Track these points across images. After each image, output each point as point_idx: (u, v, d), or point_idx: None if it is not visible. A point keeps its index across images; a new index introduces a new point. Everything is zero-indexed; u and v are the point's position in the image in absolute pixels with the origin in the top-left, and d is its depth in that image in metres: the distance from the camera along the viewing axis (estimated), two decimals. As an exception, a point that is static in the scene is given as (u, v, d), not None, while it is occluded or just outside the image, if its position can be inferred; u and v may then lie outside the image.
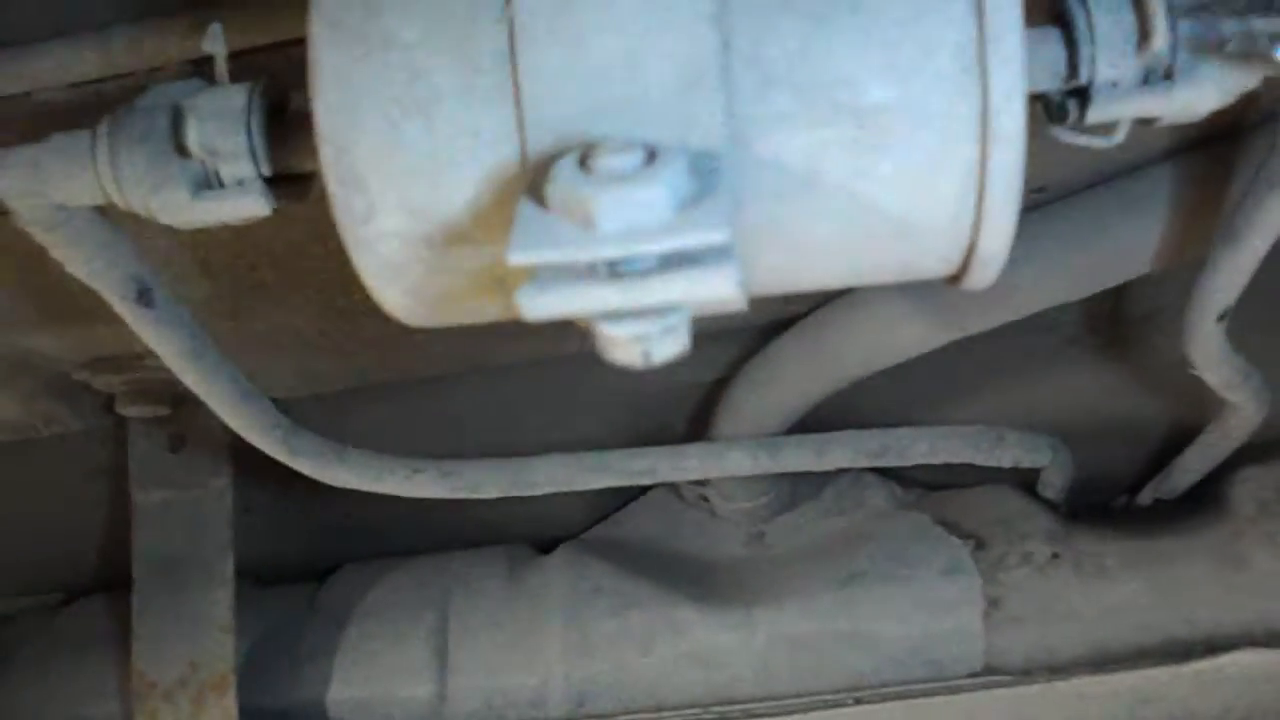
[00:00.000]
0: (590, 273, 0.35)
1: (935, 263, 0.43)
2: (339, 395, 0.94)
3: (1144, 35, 0.42)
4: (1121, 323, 0.86)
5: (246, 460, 0.90)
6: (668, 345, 0.37)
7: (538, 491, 0.83)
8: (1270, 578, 0.85)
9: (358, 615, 0.98)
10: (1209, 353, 0.68)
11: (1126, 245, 0.67)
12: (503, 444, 0.89)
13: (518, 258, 0.35)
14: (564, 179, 0.36)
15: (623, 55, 0.39)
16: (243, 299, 0.78)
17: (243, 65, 0.57)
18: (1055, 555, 0.89)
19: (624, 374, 0.41)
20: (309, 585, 1.04)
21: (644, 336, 0.37)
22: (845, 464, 0.86)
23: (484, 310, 0.44)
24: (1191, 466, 0.89)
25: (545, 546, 1.03)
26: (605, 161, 0.36)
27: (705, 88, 0.38)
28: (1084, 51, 0.42)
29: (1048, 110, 0.46)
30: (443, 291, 0.44)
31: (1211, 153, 0.65)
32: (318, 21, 0.41)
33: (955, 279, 0.45)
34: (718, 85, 0.38)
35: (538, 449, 0.87)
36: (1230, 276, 0.60)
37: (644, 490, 1.02)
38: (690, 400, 0.96)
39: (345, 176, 0.41)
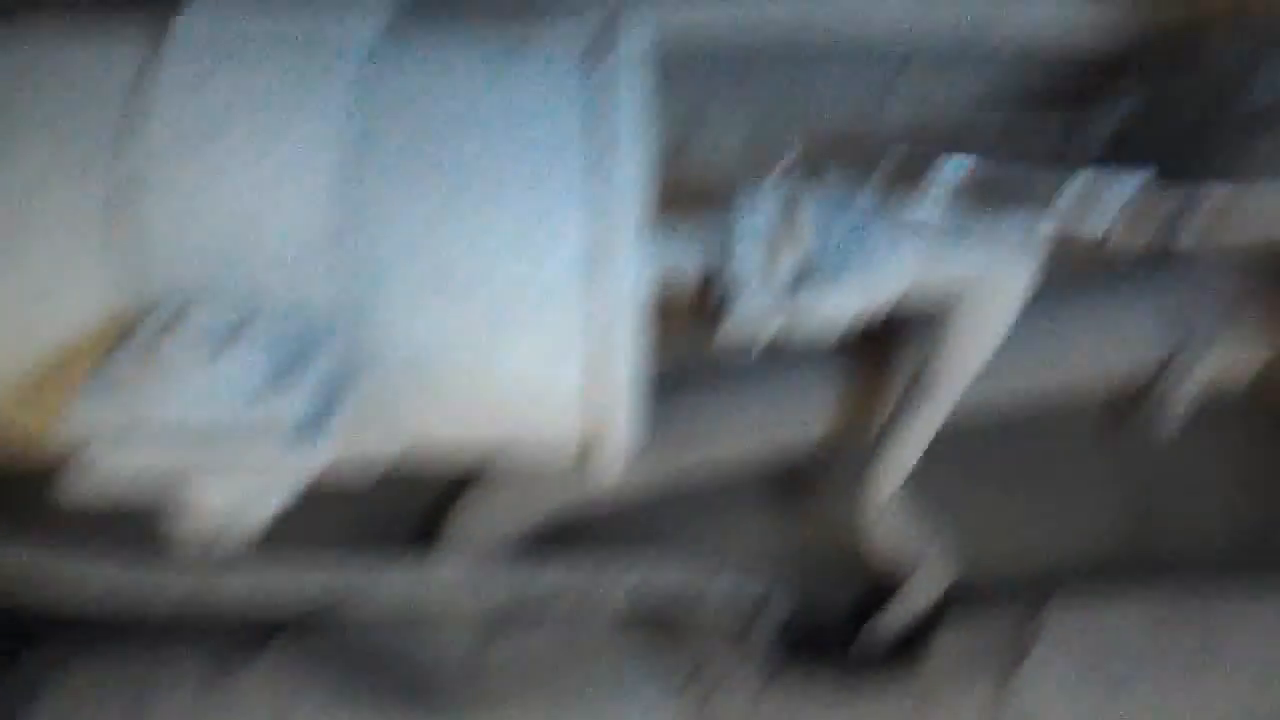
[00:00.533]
0: (170, 433, 0.34)
1: (562, 448, 0.44)
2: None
3: (789, 237, 0.43)
4: (816, 479, 0.89)
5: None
6: (253, 512, 0.36)
7: (226, 599, 0.80)
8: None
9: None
10: (882, 526, 0.71)
11: (812, 411, 0.70)
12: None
13: (83, 411, 0.34)
14: (149, 336, 0.35)
15: (244, 214, 0.38)
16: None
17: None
18: (760, 692, 0.91)
19: (348, 478, 0.39)
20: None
21: (228, 502, 0.36)
22: (558, 589, 0.85)
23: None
24: (889, 622, 0.93)
25: (266, 636, 0.98)
26: (194, 321, 0.35)
27: (328, 253, 0.38)
28: (733, 249, 0.44)
29: (699, 302, 0.47)
30: (36, 429, 0.42)
31: (868, 344, 0.69)
32: None
33: (584, 460, 0.45)
34: (342, 251, 0.38)
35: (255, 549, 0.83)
36: (894, 463, 0.63)
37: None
38: (418, 508, 0.95)
39: None
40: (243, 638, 1.00)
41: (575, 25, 0.45)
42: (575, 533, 0.91)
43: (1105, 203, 0.45)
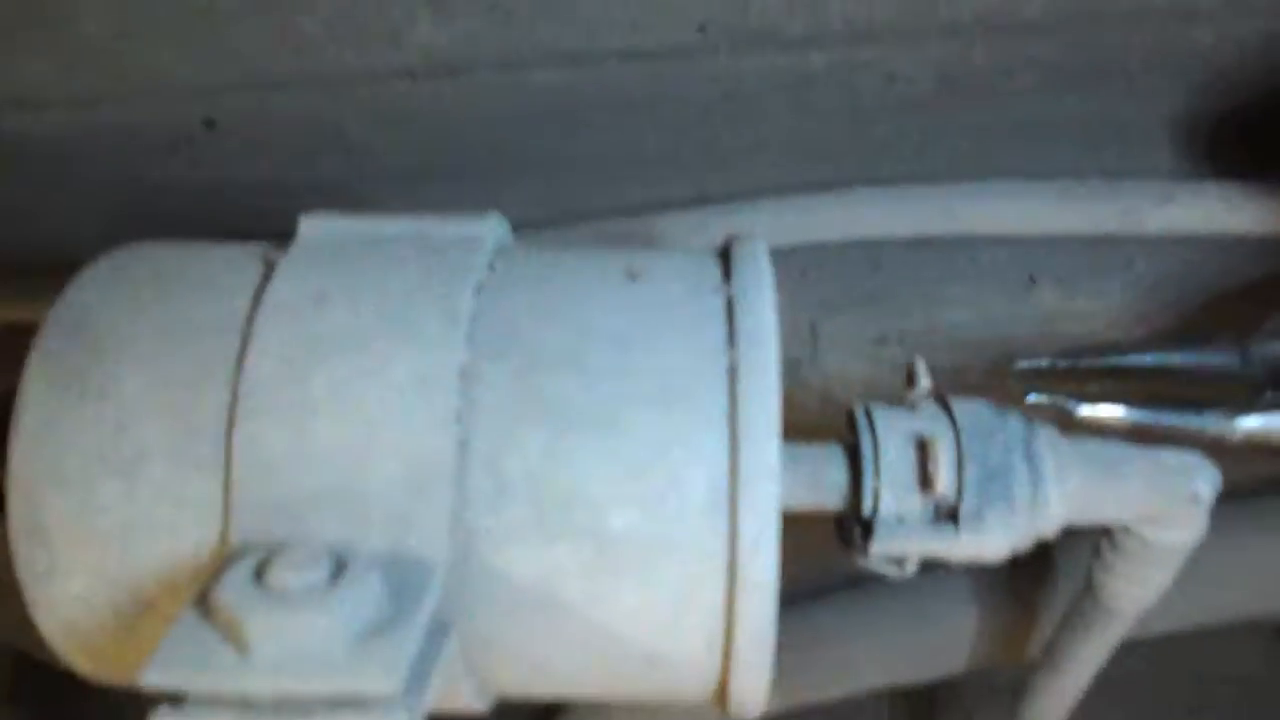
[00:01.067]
0: (245, 704, 0.30)
1: (690, 694, 0.39)
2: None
3: (925, 479, 0.39)
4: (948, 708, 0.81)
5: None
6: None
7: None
8: None
9: None
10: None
11: (958, 636, 0.64)
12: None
13: (152, 678, 0.30)
14: (229, 589, 0.31)
15: (349, 446, 0.35)
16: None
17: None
18: None
19: None
20: None
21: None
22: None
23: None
24: None
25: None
26: (280, 574, 0.31)
27: (433, 492, 0.35)
28: (867, 482, 0.40)
29: (839, 528, 0.43)
30: (133, 660, 0.39)
31: (1022, 569, 0.63)
32: (38, 355, 0.38)
33: (719, 707, 0.40)
34: (448, 490, 0.35)
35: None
36: (1053, 704, 0.56)
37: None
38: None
39: (30, 529, 0.37)
40: None
41: (689, 252, 0.43)
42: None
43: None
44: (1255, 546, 0.62)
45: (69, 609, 0.38)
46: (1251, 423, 0.40)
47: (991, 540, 0.40)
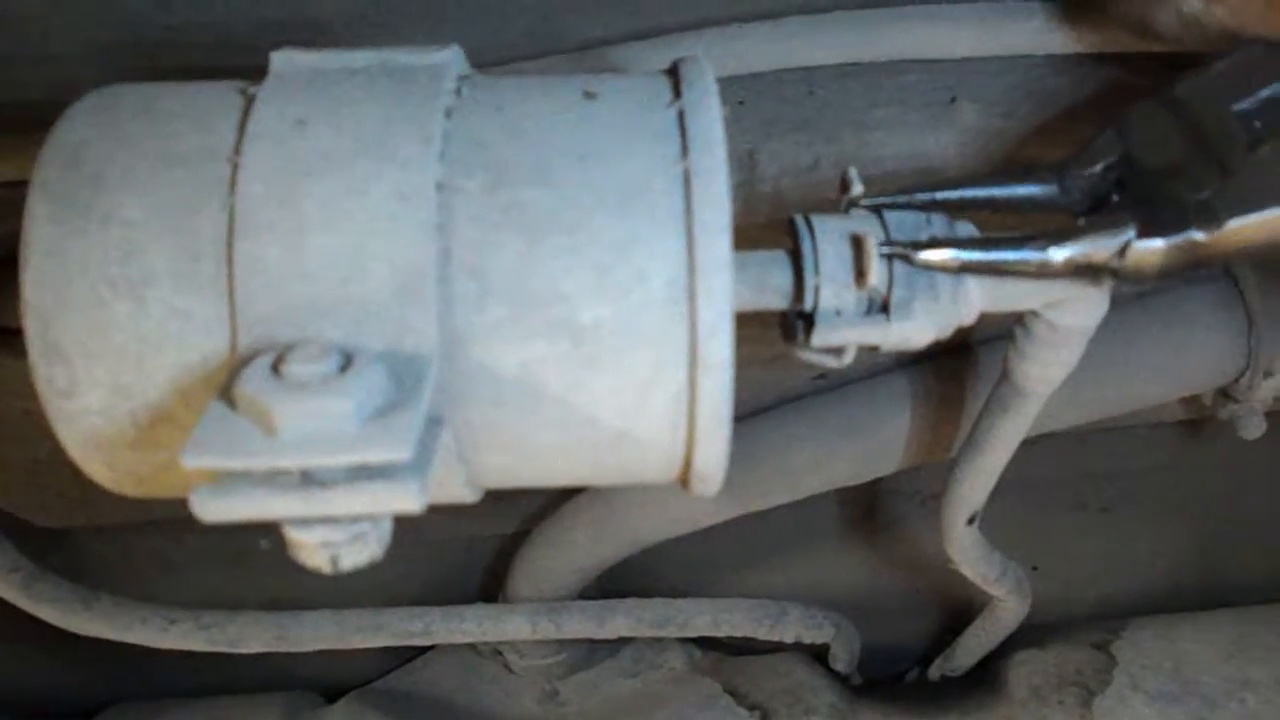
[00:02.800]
0: (273, 479, 0.35)
1: (657, 473, 0.44)
2: (121, 527, 0.90)
3: (859, 272, 0.44)
4: (890, 511, 0.89)
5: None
6: (358, 552, 0.36)
7: (304, 649, 0.80)
8: (1037, 764, 0.87)
9: (117, 763, 0.92)
10: (963, 552, 0.70)
11: (890, 439, 0.70)
12: (291, 584, 0.86)
13: (192, 460, 0.34)
14: (252, 382, 0.35)
15: (342, 256, 0.39)
16: (9, 426, 0.75)
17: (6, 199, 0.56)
18: (835, 730, 0.90)
19: (422, 521, 0.40)
20: (74, 724, 0.98)
21: (332, 543, 0.36)
22: (626, 633, 0.85)
23: (193, 487, 0.43)
24: (969, 649, 0.92)
25: (344, 689, 0.99)
26: (295, 367, 0.35)
27: (422, 294, 0.39)
28: (809, 280, 0.44)
29: (782, 327, 0.48)
30: (150, 470, 0.43)
31: (946, 365, 0.68)
32: (37, 188, 0.41)
33: (683, 485, 0.45)
34: (435, 293, 0.39)
35: (331, 592, 0.84)
36: (974, 485, 0.63)
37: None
38: (490, 551, 0.95)
39: (48, 350, 0.40)
40: (314, 693, 1.01)
41: (641, 74, 0.46)
42: (643, 579, 0.91)
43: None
44: (1155, 332, 0.68)
45: (89, 422, 0.41)
46: (1067, 251, 0.44)
47: (918, 328, 0.45)
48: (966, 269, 0.44)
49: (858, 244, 0.44)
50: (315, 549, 0.36)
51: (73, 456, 0.43)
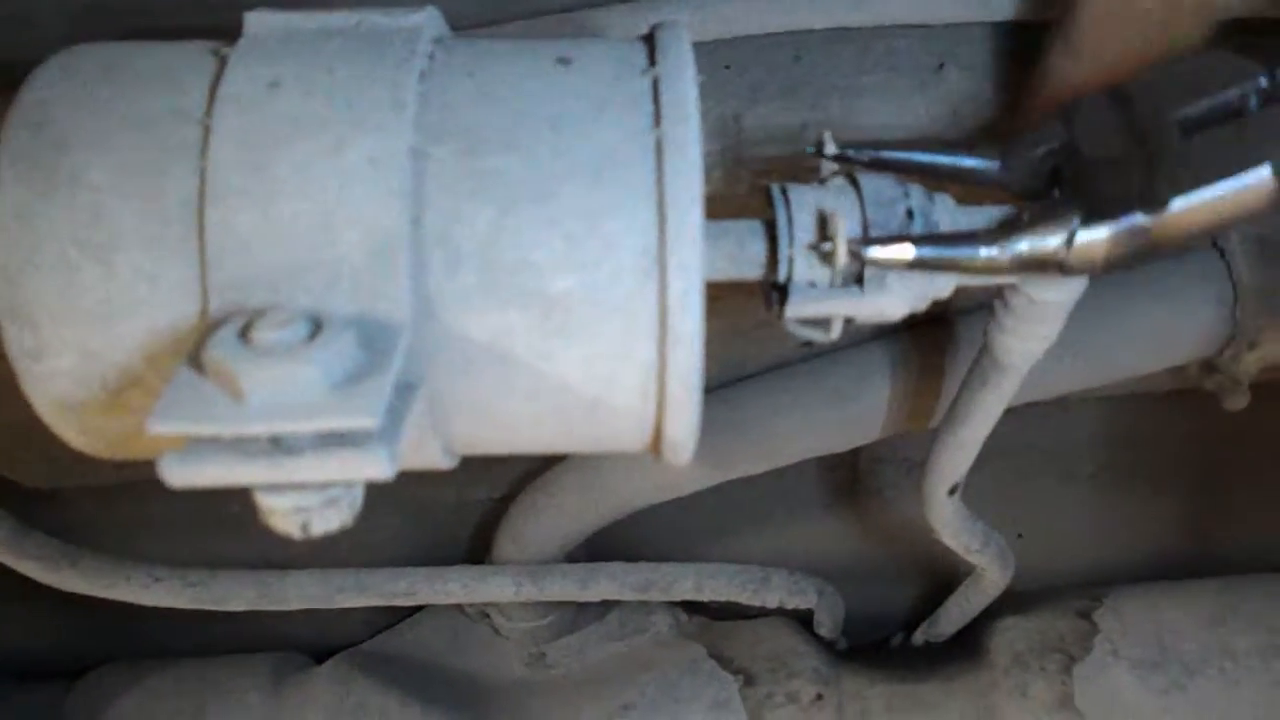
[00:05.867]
0: (241, 445, 0.35)
1: (629, 442, 0.44)
2: (108, 487, 0.90)
3: (825, 253, 0.43)
4: (874, 478, 0.89)
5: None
6: (329, 517, 0.37)
7: (288, 607, 0.81)
8: (1019, 730, 0.88)
9: (107, 721, 0.93)
10: (945, 522, 0.71)
11: (873, 407, 0.70)
12: (279, 544, 0.86)
13: (158, 426, 0.34)
14: (219, 347, 0.35)
15: (313, 221, 0.38)
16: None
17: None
18: (819, 696, 0.90)
19: (410, 483, 0.40)
20: (62, 684, 0.98)
21: (303, 508, 0.36)
22: (610, 596, 0.85)
23: (163, 450, 0.43)
24: (953, 615, 0.92)
25: (331, 651, 1.00)
26: (264, 333, 0.35)
27: (393, 260, 0.38)
28: (782, 251, 0.44)
29: (765, 299, 0.47)
30: (121, 433, 0.43)
31: (928, 334, 0.68)
32: (4, 152, 0.40)
33: (654, 453, 0.45)
34: (406, 260, 0.38)
35: (318, 553, 0.84)
36: (955, 456, 0.63)
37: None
38: (477, 515, 0.96)
39: (15, 311, 0.40)
40: (302, 655, 1.01)
41: (616, 40, 0.45)
42: (629, 544, 0.92)
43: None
44: (1140, 302, 0.68)
45: (58, 385, 0.41)
46: (1015, 246, 0.44)
47: (893, 301, 0.45)
48: (915, 266, 0.44)
49: (834, 209, 0.44)
50: (286, 514, 0.36)
51: (44, 419, 0.43)
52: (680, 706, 0.91)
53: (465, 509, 0.95)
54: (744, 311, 0.51)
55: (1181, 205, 0.44)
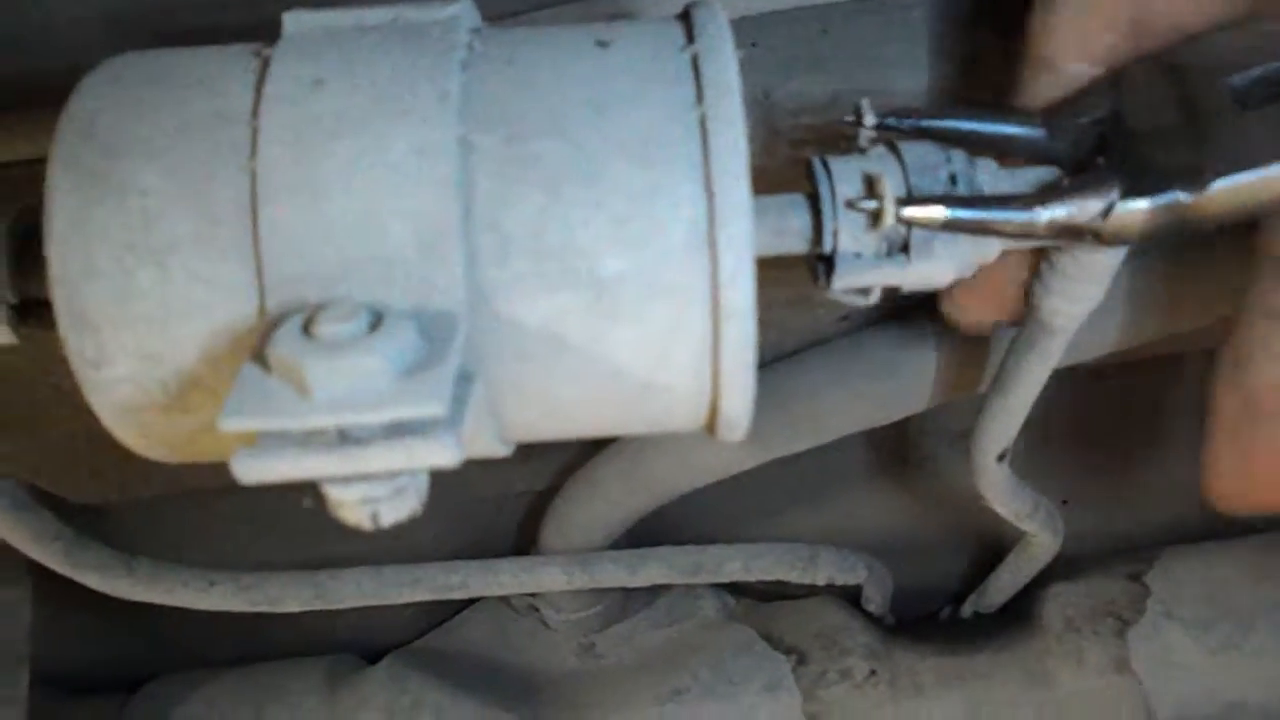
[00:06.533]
0: (310, 439, 0.35)
1: (684, 421, 0.44)
2: (159, 500, 0.91)
3: (874, 216, 0.43)
4: (918, 450, 0.89)
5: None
6: (398, 507, 0.37)
7: (343, 605, 0.81)
8: (1075, 696, 0.88)
9: (165, 732, 0.94)
10: (994, 489, 0.70)
11: (917, 377, 0.70)
12: (328, 551, 0.87)
13: (229, 424, 0.34)
14: (283, 343, 0.35)
15: (364, 216, 0.39)
16: (41, 403, 0.75)
17: (15, 179, 0.56)
18: (873, 672, 0.90)
19: (453, 480, 0.41)
20: (119, 697, 0.99)
21: (372, 499, 0.36)
22: (660, 580, 0.86)
23: (227, 452, 0.44)
24: (1002, 585, 0.92)
25: (381, 652, 1.00)
26: (326, 327, 0.35)
27: (445, 251, 0.39)
28: (827, 224, 0.44)
29: (809, 269, 0.47)
30: (183, 436, 0.43)
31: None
32: (56, 161, 0.41)
33: (709, 431, 0.46)
34: (457, 249, 0.39)
35: (364, 557, 0.85)
36: (1003, 422, 0.63)
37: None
38: (518, 510, 0.96)
39: (76, 321, 0.40)
40: (356, 655, 1.02)
41: (652, 20, 0.45)
42: (672, 531, 0.92)
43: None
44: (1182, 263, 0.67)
45: (120, 390, 0.42)
46: (1051, 212, 0.44)
47: (940, 268, 0.45)
48: (950, 227, 0.44)
49: (870, 184, 0.44)
50: (355, 505, 0.36)
51: (106, 425, 0.43)
52: (734, 688, 0.91)
53: (506, 504, 0.96)
54: (781, 284, 0.51)
55: (1223, 186, 0.43)
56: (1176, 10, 0.48)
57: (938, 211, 0.43)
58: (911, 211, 0.43)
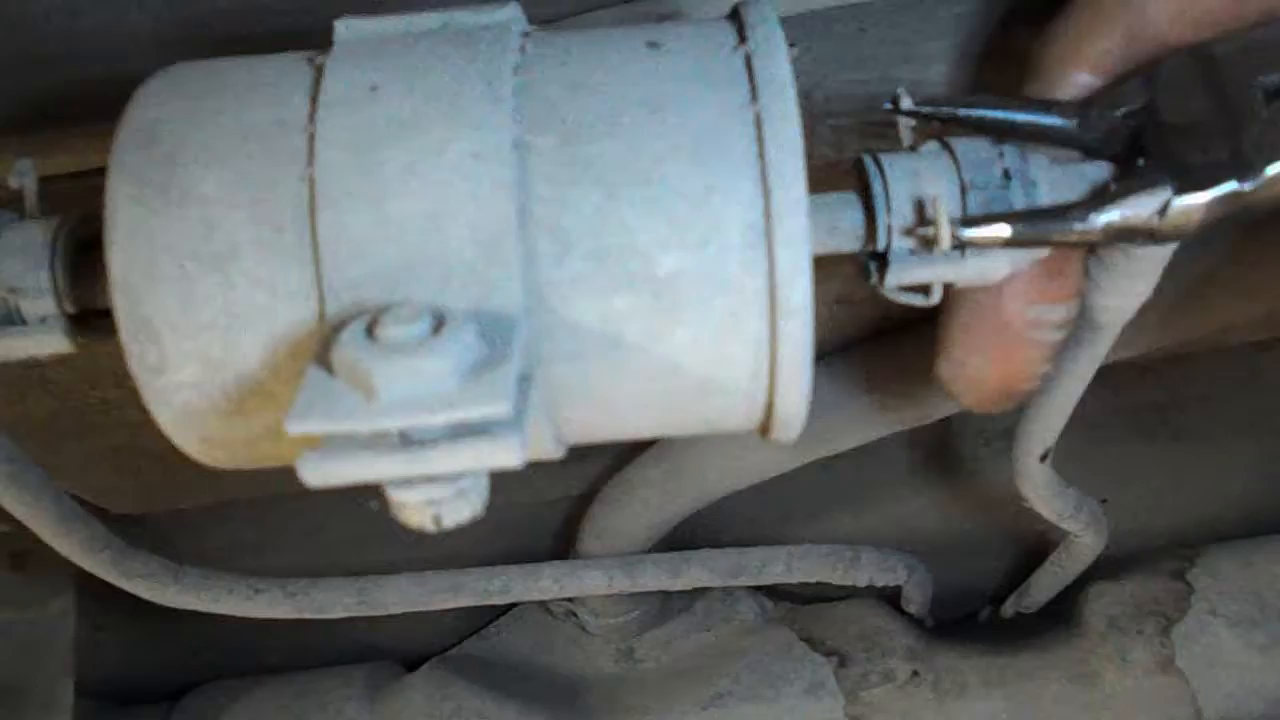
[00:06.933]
0: (375, 441, 0.35)
1: (739, 420, 0.44)
2: (200, 512, 0.92)
3: (927, 234, 0.43)
4: (959, 450, 0.89)
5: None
6: (460, 509, 0.37)
7: (388, 611, 0.82)
8: (1118, 696, 0.87)
9: (209, 740, 0.94)
10: (1037, 489, 0.70)
11: None
12: (367, 560, 0.87)
13: (296, 427, 0.35)
14: (348, 347, 0.36)
15: (423, 220, 0.39)
16: (87, 416, 0.76)
17: (71, 189, 0.56)
18: (915, 673, 0.90)
19: (491, 488, 0.41)
20: (163, 706, 1.00)
21: (435, 501, 0.36)
22: (702, 583, 0.86)
23: (287, 456, 0.44)
24: (1044, 585, 0.92)
25: (421, 659, 1.01)
26: (390, 330, 0.36)
27: (503, 253, 0.39)
28: (880, 222, 0.44)
29: (861, 268, 0.47)
30: (243, 441, 0.44)
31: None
32: (116, 170, 0.41)
33: (764, 432, 0.46)
34: (516, 251, 0.39)
35: (403, 565, 0.85)
36: (1047, 421, 0.62)
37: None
38: (558, 515, 0.96)
39: (138, 328, 0.41)
40: (397, 662, 1.03)
41: (703, 20, 0.46)
42: (711, 535, 0.92)
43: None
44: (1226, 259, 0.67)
45: (181, 397, 0.42)
46: (1106, 217, 0.44)
47: (994, 264, 0.45)
48: (1010, 244, 0.44)
49: (927, 171, 0.43)
50: (419, 507, 0.36)
51: (166, 432, 0.44)
52: (775, 691, 0.91)
53: (545, 509, 0.96)
54: (827, 282, 0.51)
55: (1277, 170, 0.44)
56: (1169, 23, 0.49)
57: (1001, 230, 0.43)
58: (974, 234, 0.43)
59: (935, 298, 0.46)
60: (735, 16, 0.44)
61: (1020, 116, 0.49)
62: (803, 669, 0.92)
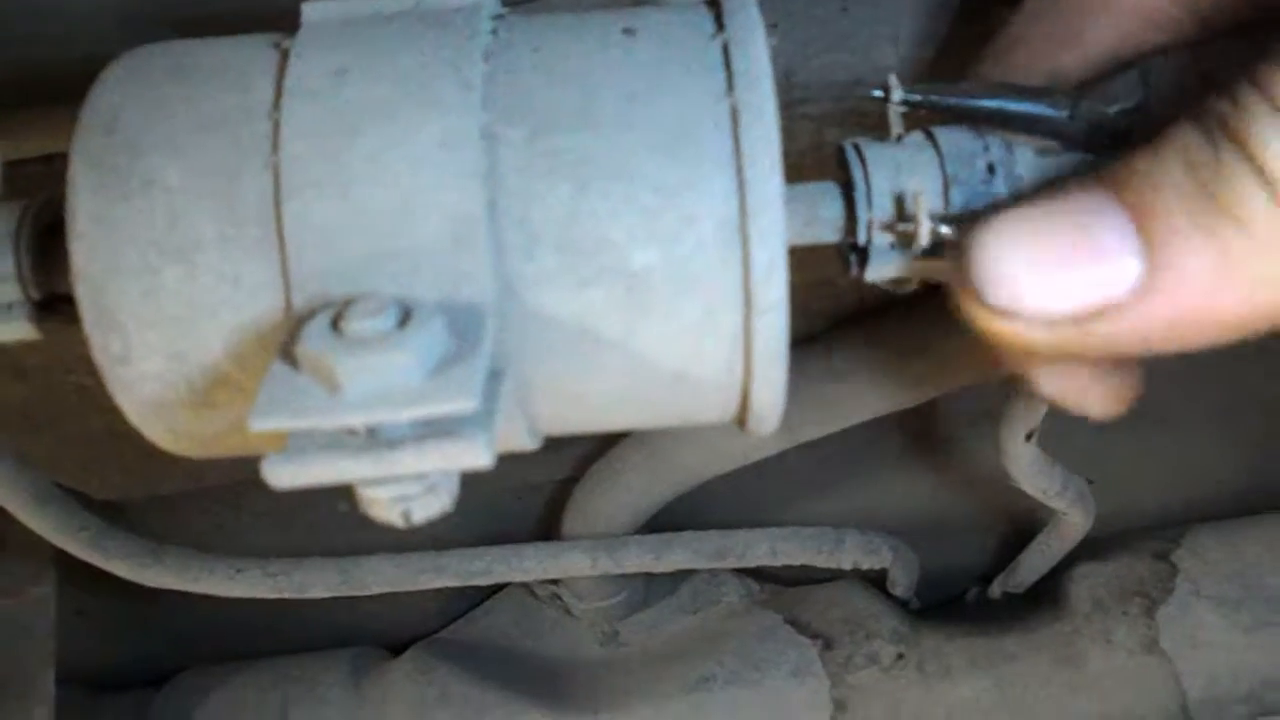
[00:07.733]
0: (341, 440, 0.34)
1: (715, 414, 0.43)
2: (177, 497, 0.91)
3: (905, 232, 0.42)
4: (944, 432, 0.88)
5: (78, 561, 0.86)
6: (430, 504, 0.36)
7: (369, 592, 0.81)
8: (1105, 676, 0.87)
9: (192, 726, 0.94)
10: (1022, 468, 0.70)
11: (944, 359, 0.69)
12: (348, 542, 0.87)
13: (259, 423, 0.34)
14: (313, 340, 0.35)
15: (391, 209, 0.38)
16: (62, 402, 0.75)
17: (43, 172, 0.55)
18: (900, 656, 0.90)
19: (473, 474, 0.40)
20: (146, 692, 1.00)
21: (405, 497, 0.36)
22: (685, 565, 0.85)
23: (253, 447, 0.43)
24: (1032, 565, 0.91)
25: (405, 644, 1.00)
26: (355, 323, 0.35)
27: (474, 245, 0.38)
28: (861, 214, 0.43)
29: (840, 257, 0.46)
30: (211, 433, 0.43)
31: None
32: (78, 158, 0.40)
33: (740, 424, 0.45)
34: (486, 243, 0.38)
35: (384, 548, 0.85)
36: (1032, 401, 0.62)
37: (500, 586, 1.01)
38: (542, 498, 0.96)
39: (101, 319, 0.40)
40: (380, 647, 1.02)
41: (681, 6, 0.44)
42: (695, 518, 0.91)
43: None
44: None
45: (146, 388, 0.41)
46: None
47: None
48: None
49: (908, 162, 0.43)
50: (388, 504, 0.36)
51: (133, 423, 0.43)
52: (760, 674, 0.90)
53: (529, 493, 0.96)
54: (806, 266, 0.50)
55: None
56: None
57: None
58: (953, 233, 0.42)
59: (911, 287, 0.45)
60: (713, 2, 0.43)
61: (1013, 105, 0.48)
62: (788, 652, 0.92)
